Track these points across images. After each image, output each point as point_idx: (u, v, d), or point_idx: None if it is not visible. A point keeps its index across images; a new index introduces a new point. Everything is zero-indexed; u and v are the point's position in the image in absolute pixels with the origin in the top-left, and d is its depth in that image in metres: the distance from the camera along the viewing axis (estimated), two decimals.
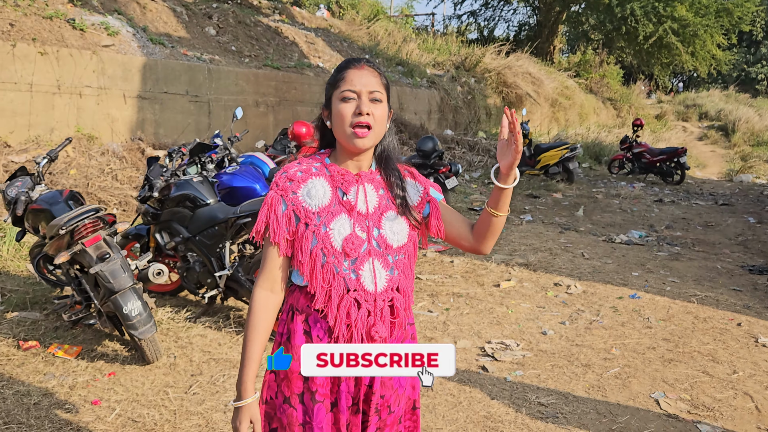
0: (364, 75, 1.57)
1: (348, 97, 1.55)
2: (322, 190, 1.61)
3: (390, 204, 1.65)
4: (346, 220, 1.60)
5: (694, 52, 21.39)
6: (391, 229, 1.63)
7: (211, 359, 3.74)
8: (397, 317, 1.63)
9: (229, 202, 4.49)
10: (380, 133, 1.61)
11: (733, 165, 17.22)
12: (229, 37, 11.43)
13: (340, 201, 1.61)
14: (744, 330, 4.65)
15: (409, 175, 1.72)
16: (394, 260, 1.63)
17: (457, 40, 20.10)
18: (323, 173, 1.63)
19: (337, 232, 1.58)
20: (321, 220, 1.58)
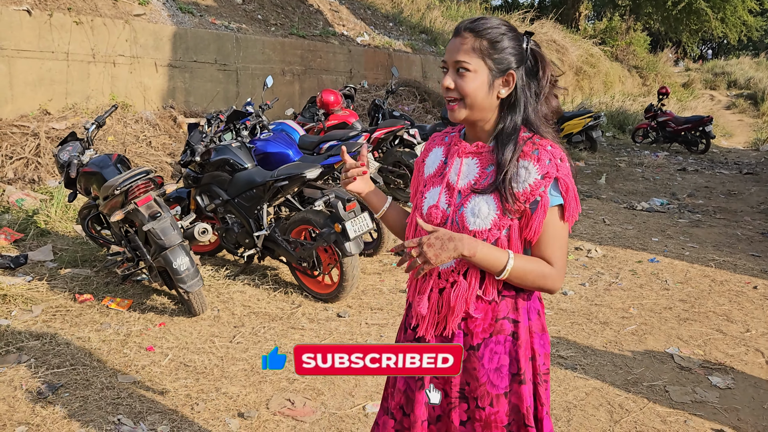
0: (456, 43, 1.49)
1: (444, 68, 1.52)
2: (434, 159, 1.64)
3: (491, 182, 1.52)
4: (437, 191, 1.57)
5: (724, 17, 20.93)
6: (472, 209, 1.50)
7: (251, 312, 4.02)
8: (453, 303, 1.52)
9: (264, 166, 4.72)
10: (475, 105, 1.49)
11: (761, 134, 17.01)
12: (255, 5, 11.54)
13: (443, 171, 1.60)
14: (760, 293, 4.80)
15: (532, 159, 1.48)
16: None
17: (481, 7, 19.92)
18: (446, 143, 1.64)
19: (427, 201, 1.58)
20: (424, 188, 1.62)
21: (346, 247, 3.96)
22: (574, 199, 1.49)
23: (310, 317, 4.01)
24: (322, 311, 4.13)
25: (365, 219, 4.05)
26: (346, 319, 4.01)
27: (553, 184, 1.47)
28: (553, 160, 1.47)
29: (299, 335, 3.73)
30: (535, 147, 1.48)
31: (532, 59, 1.53)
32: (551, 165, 1.46)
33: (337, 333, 3.79)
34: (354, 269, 4.10)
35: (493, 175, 1.50)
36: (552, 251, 1.49)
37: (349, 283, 4.12)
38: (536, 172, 1.46)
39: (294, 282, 4.50)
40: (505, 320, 1.53)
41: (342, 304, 4.25)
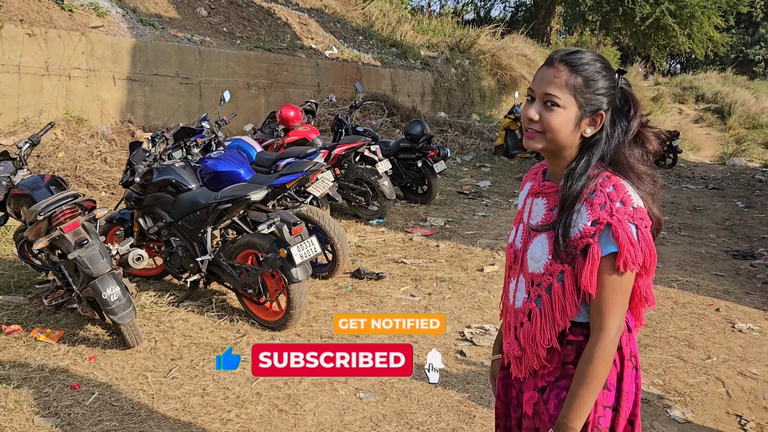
0: (546, 74, 1.44)
1: (529, 96, 1.48)
2: (524, 194, 1.65)
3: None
4: (518, 228, 1.62)
5: (690, 33, 21.26)
6: (531, 251, 1.52)
7: (191, 343, 3.79)
8: (523, 344, 1.54)
9: (214, 186, 4.51)
10: (556, 140, 1.44)
11: (727, 148, 17.21)
12: (220, 18, 11.35)
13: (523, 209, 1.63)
14: (722, 315, 4.71)
15: (586, 202, 1.40)
16: (530, 285, 1.53)
17: (452, 21, 19.94)
18: (536, 178, 1.63)
19: (511, 237, 1.64)
20: (513, 222, 1.66)
21: (292, 273, 3.76)
22: (630, 245, 1.35)
23: None
24: (268, 340, 3.92)
25: (312, 243, 3.87)
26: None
27: (607, 230, 1.37)
28: (609, 203, 1.37)
29: (240, 368, 3.51)
30: (595, 189, 1.40)
31: (622, 98, 1.48)
32: (605, 210, 1.37)
33: None
34: (302, 296, 3.91)
35: (555, 216, 1.48)
36: (605, 305, 1.39)
37: (296, 311, 3.93)
38: (586, 217, 1.39)
39: (241, 308, 4.29)
40: (571, 365, 1.49)
41: (290, 333, 4.04)
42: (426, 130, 7.61)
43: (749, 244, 6.92)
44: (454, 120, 13.71)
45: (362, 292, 4.81)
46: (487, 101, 16.59)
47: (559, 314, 1.46)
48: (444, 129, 12.83)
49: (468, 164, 11.28)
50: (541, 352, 1.50)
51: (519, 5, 26.92)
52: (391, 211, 7.17)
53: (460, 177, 10.05)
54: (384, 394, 3.30)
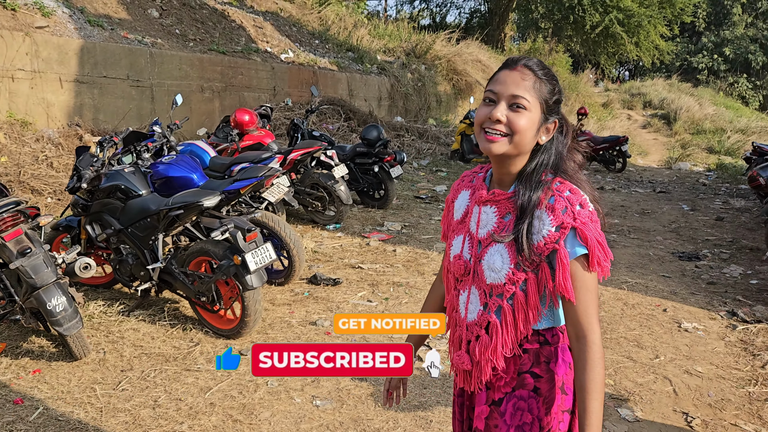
0: (513, 76, 1.43)
1: (489, 98, 1.44)
2: (461, 203, 1.61)
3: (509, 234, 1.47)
4: (461, 239, 1.56)
5: (638, 42, 21.90)
6: (488, 261, 1.47)
7: (142, 354, 3.69)
8: (476, 358, 1.51)
9: (165, 192, 4.42)
10: (520, 144, 1.43)
11: (673, 153, 17.81)
12: (172, 19, 11.14)
13: (466, 218, 1.57)
14: (669, 315, 4.85)
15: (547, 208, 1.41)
16: (487, 297, 1.49)
17: (408, 26, 20.07)
18: (472, 185, 1.60)
19: (453, 249, 1.58)
20: (452, 234, 1.61)
21: (246, 280, 3.71)
22: (598, 246, 1.39)
23: (209, 357, 3.73)
24: (222, 349, 3.85)
25: (267, 250, 3.82)
26: (248, 358, 3.75)
27: (573, 234, 1.39)
28: (570, 207, 1.40)
29: (193, 378, 3.44)
30: (552, 194, 1.43)
31: None
32: (567, 214, 1.40)
33: (236, 374, 3.52)
34: (257, 303, 3.86)
35: (510, 224, 1.46)
36: (584, 307, 1.40)
37: (251, 318, 3.87)
38: (550, 223, 1.40)
39: (195, 317, 4.20)
40: (528, 374, 1.49)
41: (245, 341, 3.98)
42: (382, 135, 7.62)
43: (694, 246, 7.15)
44: (411, 125, 13.79)
45: (319, 298, 4.78)
46: (443, 106, 16.74)
47: (523, 323, 1.46)
48: (401, 134, 12.88)
49: (424, 169, 11.35)
50: (499, 364, 1.48)
51: (473, 12, 27.29)
52: (348, 216, 7.15)
53: (416, 181, 10.10)
54: (341, 401, 3.28)
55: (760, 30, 30.56)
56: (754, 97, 30.81)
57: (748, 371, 3.94)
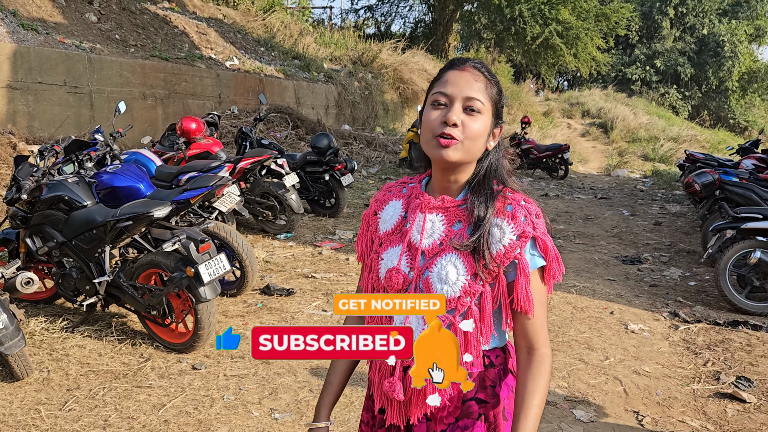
0: (464, 78, 1.33)
1: (438, 102, 1.33)
2: (392, 214, 1.45)
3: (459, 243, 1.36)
4: (397, 251, 1.39)
5: (576, 53, 22.63)
6: (439, 274, 1.33)
7: (90, 371, 3.54)
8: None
9: (110, 203, 4.26)
10: (473, 149, 1.33)
11: (611, 160, 18.46)
12: (112, 24, 10.81)
13: (402, 229, 1.42)
14: (616, 318, 5.00)
15: (506, 216, 1.33)
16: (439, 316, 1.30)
17: (354, 35, 20.12)
18: (406, 195, 1.46)
19: (384, 263, 1.40)
20: (380, 248, 1.43)
21: (200, 292, 3.61)
22: (555, 259, 1.35)
23: (161, 372, 3.60)
24: (174, 364, 3.73)
25: (221, 261, 3.73)
26: (202, 372, 3.65)
27: (531, 244, 1.33)
28: (529, 216, 1.34)
29: (145, 395, 3.32)
30: (508, 202, 1.35)
31: None
32: (527, 222, 1.33)
33: (190, 389, 3.42)
34: (210, 315, 3.76)
35: (461, 233, 1.35)
36: (540, 321, 1.34)
37: (205, 331, 3.77)
38: (511, 231, 1.32)
39: (144, 331, 4.06)
40: (473, 402, 1.36)
41: (198, 354, 3.87)
42: (333, 143, 7.60)
43: (636, 250, 7.42)
44: (359, 133, 13.80)
45: (273, 309, 4.70)
46: (390, 114, 16.83)
47: (476, 342, 1.33)
48: (349, 142, 12.87)
49: (374, 177, 11.37)
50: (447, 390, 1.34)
51: (418, 22, 27.57)
52: (299, 224, 7.08)
53: (366, 190, 10.11)
54: (300, 413, 3.23)
55: (687, 43, 32.09)
56: (684, 107, 32.30)
57: (691, 369, 4.10)
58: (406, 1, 26.52)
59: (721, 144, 22.53)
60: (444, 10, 24.09)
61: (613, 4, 23.67)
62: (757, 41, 33.06)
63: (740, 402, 3.63)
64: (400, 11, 29.44)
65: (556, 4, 20.97)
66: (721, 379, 3.93)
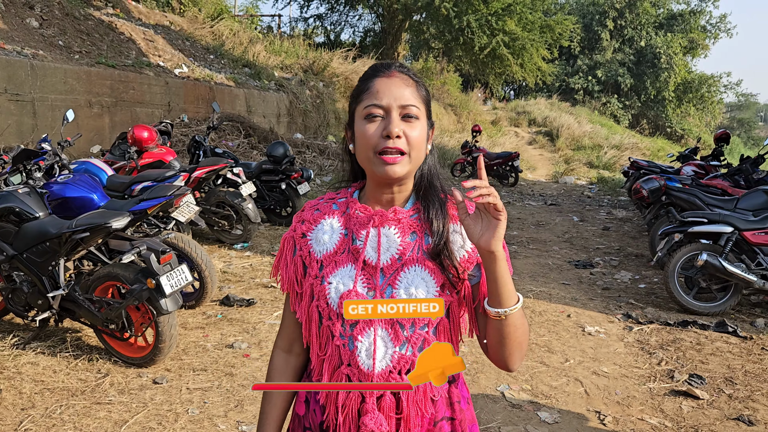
0: (394, 85, 1.24)
1: (373, 114, 1.23)
2: (330, 233, 1.31)
3: (420, 255, 1.27)
4: (349, 272, 1.26)
5: (522, 63, 23.19)
6: (407, 289, 1.24)
7: (45, 389, 3.40)
8: (403, 413, 1.23)
9: (62, 214, 4.12)
10: (418, 158, 1.26)
11: (558, 168, 18.96)
12: (55, 30, 10.46)
13: (350, 247, 1.29)
14: (573, 321, 5.13)
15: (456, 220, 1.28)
16: (408, 334, 1.24)
17: (304, 44, 20.07)
18: (341, 212, 1.33)
19: (335, 287, 1.26)
20: (323, 271, 1.28)
21: (161, 304, 3.52)
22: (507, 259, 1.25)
23: (120, 388, 3.49)
24: (134, 378, 3.62)
25: (183, 272, 3.66)
26: (164, 386, 3.55)
27: None
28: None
29: (106, 412, 3.21)
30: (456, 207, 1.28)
31: None
32: None
33: (153, 404, 3.33)
34: (172, 328, 3.67)
35: (418, 244, 1.27)
36: None
37: (166, 344, 3.67)
38: None
39: (101, 346, 3.93)
40: (444, 421, 1.29)
41: (159, 368, 3.77)
42: (289, 152, 7.55)
43: (587, 255, 7.63)
44: (311, 141, 13.74)
45: (233, 320, 4.62)
46: (342, 123, 16.80)
47: None
48: (302, 150, 12.79)
49: (328, 185, 11.33)
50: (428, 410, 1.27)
51: (367, 31, 27.73)
52: (256, 234, 6.99)
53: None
54: None
55: (627, 55, 33.35)
56: (624, 116, 33.51)
57: (646, 369, 4.24)
58: (355, 10, 26.63)
59: (660, 151, 23.48)
60: (393, 20, 24.30)
61: (556, 17, 24.44)
62: (691, 53, 34.70)
63: (694, 399, 3.78)
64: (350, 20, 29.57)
65: (503, 15, 21.45)
66: (674, 377, 4.08)
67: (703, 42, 34.53)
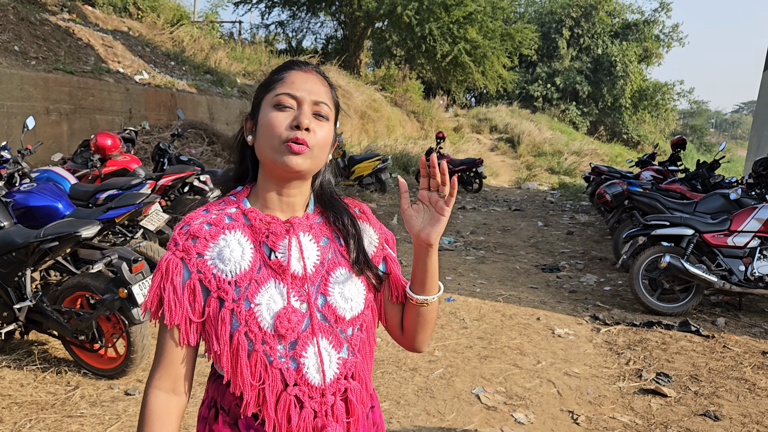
0: (311, 80, 1.21)
1: (283, 104, 1.17)
2: (239, 250, 1.18)
3: (338, 257, 1.26)
4: (276, 289, 1.18)
5: (484, 71, 23.59)
6: (341, 294, 1.23)
7: (12, 403, 3.29)
8: (353, 415, 1.22)
9: (26, 223, 4.01)
10: (320, 159, 1.21)
11: (521, 174, 19.27)
12: (9, 35, 10.17)
13: (267, 262, 1.19)
14: (543, 323, 5.22)
15: (363, 216, 1.32)
16: (348, 336, 1.23)
17: (266, 50, 19.96)
18: (240, 223, 1.21)
19: (266, 307, 1.16)
20: (242, 293, 1.16)
21: (133, 313, 3.45)
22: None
23: (91, 400, 3.41)
24: (105, 390, 3.54)
25: None
26: (136, 397, 3.48)
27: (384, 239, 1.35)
28: (368, 211, 1.35)
29: (78, 425, 3.12)
30: (354, 207, 1.33)
31: None
32: (374, 218, 1.35)
33: (126, 416, 3.25)
34: (144, 338, 3.60)
35: (332, 248, 1.26)
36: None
37: (138, 355, 3.60)
38: (374, 232, 1.33)
39: (69, 358, 3.82)
40: (372, 409, 1.32)
41: (130, 379, 3.69)
42: None
43: (553, 259, 7.78)
44: None
45: None
46: None
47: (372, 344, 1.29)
48: None
49: None
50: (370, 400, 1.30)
51: (329, 38, 27.74)
52: None
53: None
54: None
55: (584, 63, 34.16)
56: (583, 123, 34.27)
57: (616, 369, 4.34)
58: (317, 17, 26.62)
59: (618, 157, 24.07)
60: (355, 27, 24.39)
61: (516, 25, 24.91)
62: (646, 61, 35.72)
63: (662, 396, 3.89)
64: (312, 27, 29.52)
65: (465, 23, 21.78)
66: (643, 376, 4.19)
67: (657, 51, 35.61)
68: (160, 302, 1.17)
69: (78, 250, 3.83)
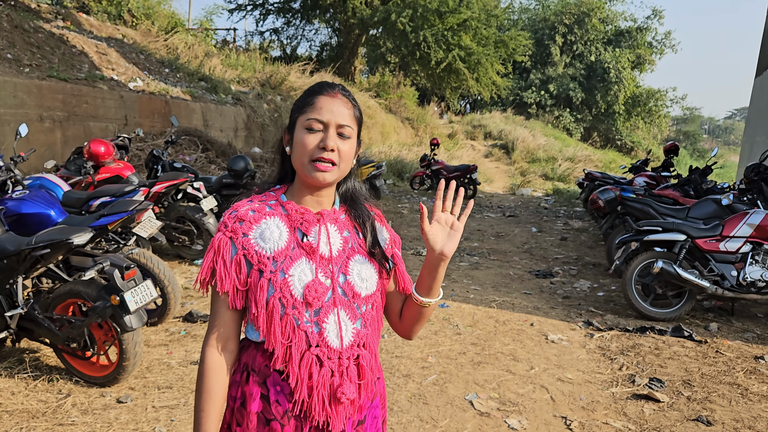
0: (336, 105, 1.44)
1: (313, 128, 1.42)
2: (278, 232, 1.44)
3: (357, 247, 1.51)
4: (306, 265, 1.43)
5: (478, 77, 23.66)
6: (359, 275, 1.48)
7: (3, 412, 3.27)
8: (364, 378, 1.46)
9: (18, 230, 4.00)
10: (345, 170, 1.47)
11: (515, 180, 19.31)
12: (3, 42, 10.16)
13: (300, 243, 1.45)
14: (536, 329, 5.22)
15: (377, 218, 1.58)
16: (362, 312, 1.48)
17: (261, 57, 19.99)
18: (278, 212, 1.47)
19: (298, 279, 1.41)
20: (278, 266, 1.41)
21: (126, 321, 3.44)
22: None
23: (83, 408, 3.39)
24: (97, 398, 3.53)
25: (148, 288, 3.59)
26: (128, 405, 3.46)
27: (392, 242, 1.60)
28: (382, 216, 1.61)
29: None
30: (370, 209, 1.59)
31: None
32: (386, 223, 1.60)
33: (118, 423, 3.24)
34: (136, 345, 3.59)
35: (353, 239, 1.52)
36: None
37: (130, 362, 3.59)
38: (386, 231, 1.58)
39: (61, 365, 3.81)
40: (378, 379, 1.55)
41: (123, 387, 3.68)
42: (250, 166, 7.49)
43: (546, 265, 7.79)
44: (270, 155, 13.65)
45: (197, 336, 4.55)
46: None
47: (380, 323, 1.55)
48: (260, 164, 12.69)
49: None
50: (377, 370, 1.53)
51: (324, 45, 27.81)
52: None
53: None
54: None
55: (577, 69, 34.32)
56: (577, 129, 34.41)
57: (609, 374, 4.35)
58: (311, 24, 26.69)
59: (612, 163, 24.17)
60: (350, 34, 24.46)
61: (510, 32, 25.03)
62: (639, 68, 35.93)
63: (655, 402, 3.90)
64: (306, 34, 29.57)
65: (459, 30, 21.87)
66: (635, 381, 4.19)
67: (650, 57, 35.82)
68: (212, 274, 1.43)
69: (70, 257, 3.81)
